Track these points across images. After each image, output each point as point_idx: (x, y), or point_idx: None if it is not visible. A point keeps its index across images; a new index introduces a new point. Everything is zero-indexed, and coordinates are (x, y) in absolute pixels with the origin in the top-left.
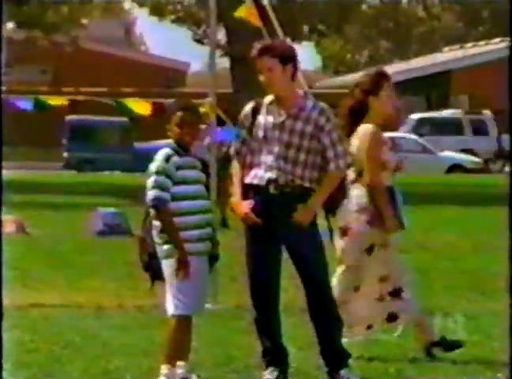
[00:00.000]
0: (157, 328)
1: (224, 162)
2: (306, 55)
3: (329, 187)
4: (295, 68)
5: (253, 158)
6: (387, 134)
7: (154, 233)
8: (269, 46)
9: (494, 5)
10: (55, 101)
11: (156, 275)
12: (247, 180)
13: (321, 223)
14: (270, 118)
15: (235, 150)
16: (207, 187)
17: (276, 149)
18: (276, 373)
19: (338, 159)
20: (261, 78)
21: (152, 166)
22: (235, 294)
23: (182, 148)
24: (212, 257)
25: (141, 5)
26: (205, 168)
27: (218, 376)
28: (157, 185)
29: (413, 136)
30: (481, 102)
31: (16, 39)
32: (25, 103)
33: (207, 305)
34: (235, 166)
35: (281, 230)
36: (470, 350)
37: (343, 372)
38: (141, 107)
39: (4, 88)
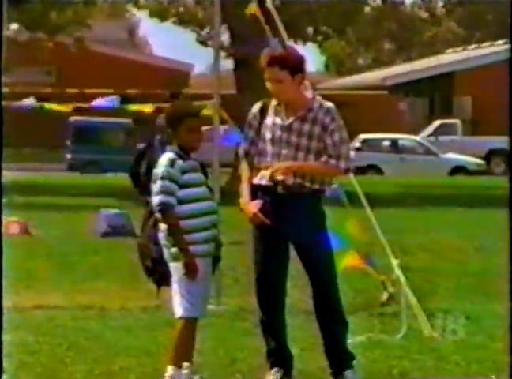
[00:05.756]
0: (161, 330)
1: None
2: (310, 57)
3: (320, 170)
4: (303, 75)
5: (260, 159)
6: (390, 135)
7: (161, 236)
8: (278, 58)
9: (497, 6)
10: (59, 107)
11: (161, 280)
12: (255, 181)
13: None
14: (278, 120)
15: (244, 151)
16: (210, 189)
17: (284, 151)
18: (280, 374)
19: (340, 159)
20: (269, 86)
21: (157, 172)
22: (239, 295)
23: (184, 152)
24: (215, 259)
25: (139, 7)
26: (203, 170)
27: (221, 377)
28: (163, 190)
29: (416, 138)
30: (484, 103)
31: (19, 40)
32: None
33: (210, 307)
34: (244, 167)
35: (290, 231)
36: (473, 351)
37: (347, 373)
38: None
39: (7, 90)
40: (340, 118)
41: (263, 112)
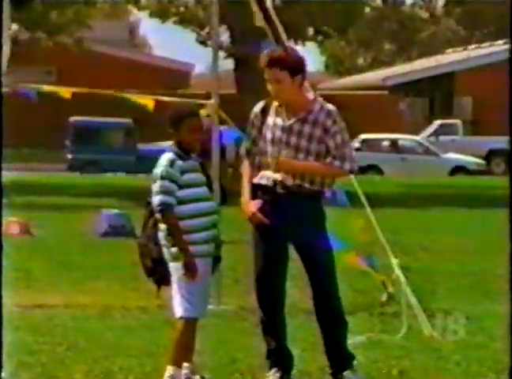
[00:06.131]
0: (161, 330)
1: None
2: (310, 57)
3: (325, 170)
4: (304, 76)
5: (261, 159)
6: (390, 135)
7: (161, 236)
8: (278, 59)
9: (497, 6)
10: (58, 90)
11: (161, 280)
12: (255, 180)
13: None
14: (279, 121)
15: (246, 150)
16: (210, 188)
17: (284, 152)
18: (279, 375)
19: (344, 160)
20: (269, 87)
21: (157, 172)
22: (239, 295)
23: (183, 152)
24: (216, 259)
25: (139, 8)
26: (203, 170)
27: (221, 377)
28: (163, 191)
29: (417, 138)
30: (485, 103)
31: (20, 39)
32: (30, 92)
33: (210, 307)
34: (245, 166)
35: (289, 231)
36: (473, 351)
37: (347, 373)
38: (146, 102)
39: (7, 90)
40: (341, 120)
41: (265, 112)
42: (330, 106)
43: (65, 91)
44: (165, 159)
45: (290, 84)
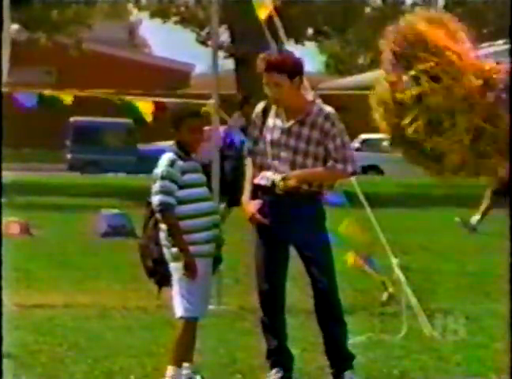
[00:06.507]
0: (161, 329)
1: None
2: (310, 57)
3: (328, 175)
4: (302, 77)
5: (262, 159)
6: None
7: (162, 236)
8: (276, 63)
9: (497, 6)
10: (61, 96)
11: (162, 280)
12: (256, 181)
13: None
14: (278, 122)
15: (249, 149)
16: (210, 189)
17: (283, 154)
18: (280, 375)
19: (346, 162)
20: (268, 91)
21: (157, 172)
22: (239, 295)
23: (184, 152)
24: (216, 259)
25: (140, 8)
26: (204, 171)
27: (222, 377)
28: (163, 191)
29: None
30: None
31: (19, 40)
32: (29, 100)
33: (210, 307)
34: (248, 166)
35: (289, 231)
36: (473, 351)
37: (347, 373)
38: (145, 107)
39: (7, 90)
40: (340, 123)
41: (266, 112)
42: (329, 109)
43: (67, 96)
44: (166, 159)
45: (289, 87)
